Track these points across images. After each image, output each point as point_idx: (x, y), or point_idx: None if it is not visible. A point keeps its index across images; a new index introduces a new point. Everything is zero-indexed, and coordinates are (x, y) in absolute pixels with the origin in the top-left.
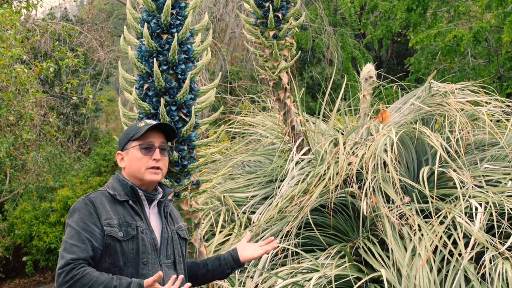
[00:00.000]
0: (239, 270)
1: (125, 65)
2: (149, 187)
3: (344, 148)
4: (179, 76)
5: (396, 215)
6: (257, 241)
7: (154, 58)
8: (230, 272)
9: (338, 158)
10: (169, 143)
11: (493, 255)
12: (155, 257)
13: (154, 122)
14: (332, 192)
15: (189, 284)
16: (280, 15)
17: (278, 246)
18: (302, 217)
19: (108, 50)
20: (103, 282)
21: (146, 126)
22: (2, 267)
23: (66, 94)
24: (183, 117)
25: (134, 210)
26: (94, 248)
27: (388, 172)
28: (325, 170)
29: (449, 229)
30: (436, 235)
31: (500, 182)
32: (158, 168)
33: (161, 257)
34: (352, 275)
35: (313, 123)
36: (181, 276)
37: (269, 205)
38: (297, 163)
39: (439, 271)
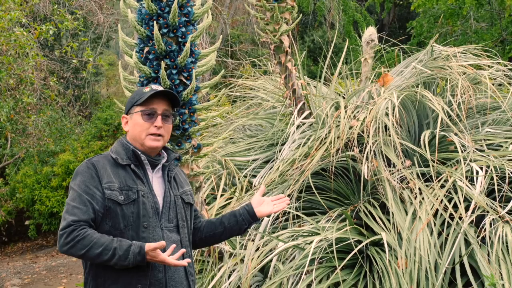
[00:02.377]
0: (256, 224)
1: (125, 29)
2: (152, 152)
3: (345, 111)
4: (180, 39)
5: (397, 178)
6: None
7: (154, 21)
8: (248, 227)
9: (339, 121)
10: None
11: (493, 219)
12: (156, 221)
13: (159, 88)
14: (333, 156)
15: (183, 250)
16: None
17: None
18: (303, 181)
19: (108, 13)
20: (103, 244)
21: (150, 91)
22: (5, 231)
23: (66, 57)
24: (184, 80)
25: (135, 174)
26: (95, 211)
27: (389, 135)
28: (326, 134)
29: (449, 192)
30: (437, 199)
31: (501, 146)
32: (159, 135)
33: (162, 220)
34: (352, 238)
35: (314, 86)
36: (182, 250)
37: (270, 168)
38: (298, 126)
39: (439, 234)
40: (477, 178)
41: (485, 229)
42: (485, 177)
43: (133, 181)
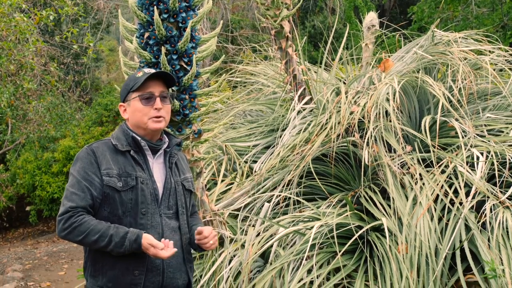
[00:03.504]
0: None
1: (125, 14)
2: (154, 136)
3: (346, 97)
4: (180, 25)
5: (398, 164)
6: (258, 191)
7: (155, 6)
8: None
9: (340, 107)
10: (170, 90)
11: (493, 204)
12: (155, 207)
13: (152, 71)
14: (333, 141)
15: (171, 242)
16: None
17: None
18: (303, 166)
19: None
20: (100, 230)
21: (144, 76)
22: (6, 217)
23: (66, 43)
24: (184, 66)
25: (135, 160)
26: (93, 197)
27: (390, 121)
28: (326, 119)
29: (450, 178)
30: (437, 184)
31: (502, 132)
32: (160, 116)
33: (161, 207)
34: (353, 224)
35: (315, 72)
36: (174, 250)
37: (271, 154)
38: (298, 112)
39: (440, 219)
40: (477, 164)
41: (485, 215)
42: (485, 162)
43: (133, 167)
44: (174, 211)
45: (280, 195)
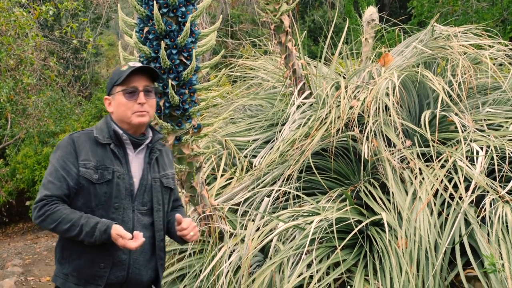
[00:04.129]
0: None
1: (125, 9)
2: (137, 130)
3: (346, 91)
4: (180, 19)
5: (397, 158)
6: (258, 185)
7: (154, 1)
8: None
9: (339, 101)
10: (156, 84)
11: (493, 199)
12: (129, 203)
13: (137, 65)
14: (333, 136)
15: (140, 234)
16: None
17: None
18: (303, 161)
19: None
20: (72, 220)
21: (128, 69)
22: (6, 212)
23: (66, 38)
24: (184, 60)
25: (114, 154)
26: (69, 187)
27: (390, 115)
28: (326, 114)
29: (450, 172)
30: (437, 179)
31: (502, 126)
32: (144, 111)
33: (135, 203)
34: (353, 218)
35: (315, 66)
36: (142, 240)
37: (271, 149)
38: (298, 106)
39: (440, 214)
40: (477, 158)
41: (485, 209)
42: (485, 157)
43: (111, 161)
44: (149, 208)
45: (279, 190)
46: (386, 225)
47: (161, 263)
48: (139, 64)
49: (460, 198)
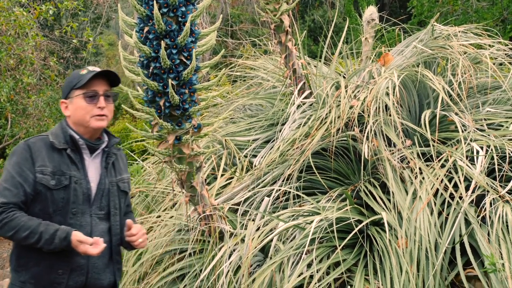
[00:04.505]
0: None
1: (125, 9)
2: (94, 135)
3: (346, 91)
4: (180, 19)
5: (398, 158)
6: (258, 185)
7: (154, 1)
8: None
9: (339, 101)
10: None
11: (493, 198)
12: (86, 208)
13: (97, 69)
14: (333, 136)
15: (100, 239)
16: None
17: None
18: (303, 161)
19: None
20: (30, 227)
21: (89, 74)
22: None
23: (66, 38)
24: (184, 60)
25: (71, 159)
26: (26, 194)
27: (390, 115)
28: (326, 114)
29: (450, 172)
30: (437, 178)
31: (502, 126)
32: (103, 115)
33: (93, 207)
34: (353, 218)
35: (315, 66)
36: (103, 245)
37: (271, 148)
38: (298, 106)
39: (440, 214)
40: (477, 158)
41: (485, 209)
42: (485, 156)
43: (68, 166)
44: (106, 212)
45: (280, 190)
46: (386, 225)
47: (118, 267)
48: (99, 69)
49: (460, 197)
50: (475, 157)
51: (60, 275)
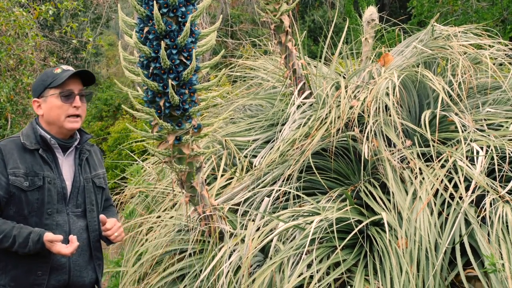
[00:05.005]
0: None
1: (125, 9)
2: (67, 134)
3: (346, 91)
4: (180, 19)
5: (398, 158)
6: (258, 185)
7: (154, 1)
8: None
9: (339, 101)
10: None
11: (493, 199)
12: (62, 206)
13: (71, 69)
14: (333, 136)
15: (74, 237)
16: None
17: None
18: (303, 161)
19: None
20: (4, 231)
21: (64, 73)
22: None
23: (66, 38)
24: (184, 60)
25: (43, 159)
26: (0, 197)
27: (390, 115)
28: (326, 114)
29: (450, 172)
30: (437, 179)
31: (502, 126)
32: (77, 115)
33: (69, 206)
34: (353, 218)
35: (315, 66)
36: (76, 244)
37: (271, 148)
38: (298, 106)
39: (440, 214)
40: (477, 158)
41: (485, 209)
42: (485, 157)
43: (40, 166)
44: (83, 209)
45: (280, 190)
46: (386, 225)
47: (99, 263)
48: (73, 69)
49: (460, 198)
50: (475, 157)
51: (40, 276)
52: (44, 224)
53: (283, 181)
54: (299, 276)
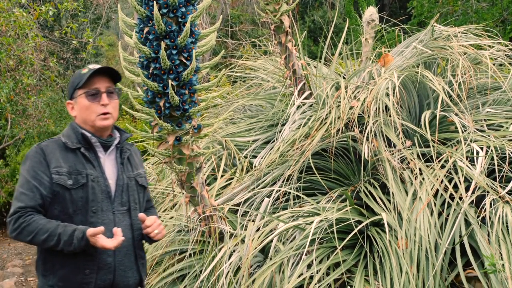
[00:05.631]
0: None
1: (125, 9)
2: (103, 133)
3: (346, 92)
4: (180, 20)
5: (397, 159)
6: (258, 186)
7: (154, 1)
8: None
9: (339, 102)
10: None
11: (493, 199)
12: (108, 205)
13: (97, 67)
14: (333, 136)
15: (119, 229)
16: None
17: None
18: (303, 161)
19: None
20: (49, 230)
21: (88, 72)
22: (5, 212)
23: (66, 38)
24: (184, 61)
25: (86, 157)
26: (43, 196)
27: (390, 116)
28: (326, 114)
29: (450, 173)
30: (437, 179)
31: (502, 126)
32: (107, 113)
33: (115, 204)
34: (353, 219)
35: (315, 67)
36: (121, 238)
37: (271, 149)
38: (298, 107)
39: (440, 214)
40: (477, 159)
41: (485, 209)
42: (485, 157)
43: (83, 165)
44: (127, 208)
45: (280, 190)
46: (386, 226)
47: (142, 263)
48: (99, 66)
49: (460, 198)
50: (475, 158)
51: (87, 274)
52: (89, 223)
53: (283, 181)
54: (299, 276)
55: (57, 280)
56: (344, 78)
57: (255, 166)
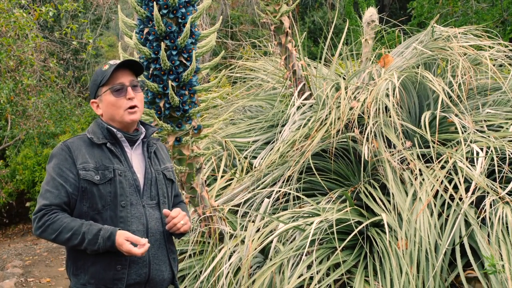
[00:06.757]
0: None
1: (125, 10)
2: (130, 128)
3: (346, 92)
4: (180, 20)
5: (397, 159)
6: (258, 186)
7: (154, 2)
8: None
9: (339, 102)
10: (140, 78)
11: (493, 200)
12: (137, 199)
13: (117, 61)
14: (333, 137)
15: (148, 245)
16: None
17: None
18: (303, 162)
19: None
20: (73, 228)
21: (110, 67)
22: (6, 213)
23: (66, 39)
24: (184, 61)
25: (112, 152)
26: (69, 194)
27: (390, 116)
28: (326, 115)
29: (450, 173)
30: (437, 180)
31: (502, 127)
32: (134, 106)
33: (144, 198)
34: (353, 219)
35: (315, 67)
36: (147, 246)
37: (271, 150)
38: (298, 108)
39: (440, 215)
40: (477, 159)
41: (485, 210)
42: (485, 158)
43: (110, 160)
44: (157, 201)
45: (280, 191)
46: (386, 226)
47: (173, 257)
48: (120, 60)
49: (460, 199)
50: (475, 159)
51: (119, 270)
52: (119, 217)
53: (283, 182)
54: (299, 277)
55: (88, 277)
56: (344, 78)
57: (255, 167)
